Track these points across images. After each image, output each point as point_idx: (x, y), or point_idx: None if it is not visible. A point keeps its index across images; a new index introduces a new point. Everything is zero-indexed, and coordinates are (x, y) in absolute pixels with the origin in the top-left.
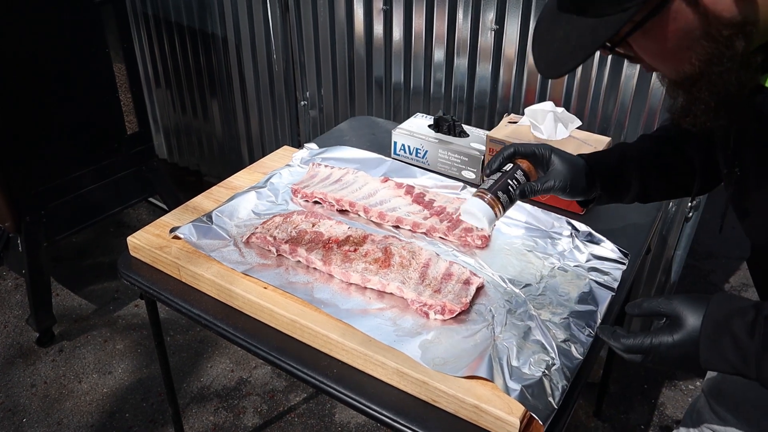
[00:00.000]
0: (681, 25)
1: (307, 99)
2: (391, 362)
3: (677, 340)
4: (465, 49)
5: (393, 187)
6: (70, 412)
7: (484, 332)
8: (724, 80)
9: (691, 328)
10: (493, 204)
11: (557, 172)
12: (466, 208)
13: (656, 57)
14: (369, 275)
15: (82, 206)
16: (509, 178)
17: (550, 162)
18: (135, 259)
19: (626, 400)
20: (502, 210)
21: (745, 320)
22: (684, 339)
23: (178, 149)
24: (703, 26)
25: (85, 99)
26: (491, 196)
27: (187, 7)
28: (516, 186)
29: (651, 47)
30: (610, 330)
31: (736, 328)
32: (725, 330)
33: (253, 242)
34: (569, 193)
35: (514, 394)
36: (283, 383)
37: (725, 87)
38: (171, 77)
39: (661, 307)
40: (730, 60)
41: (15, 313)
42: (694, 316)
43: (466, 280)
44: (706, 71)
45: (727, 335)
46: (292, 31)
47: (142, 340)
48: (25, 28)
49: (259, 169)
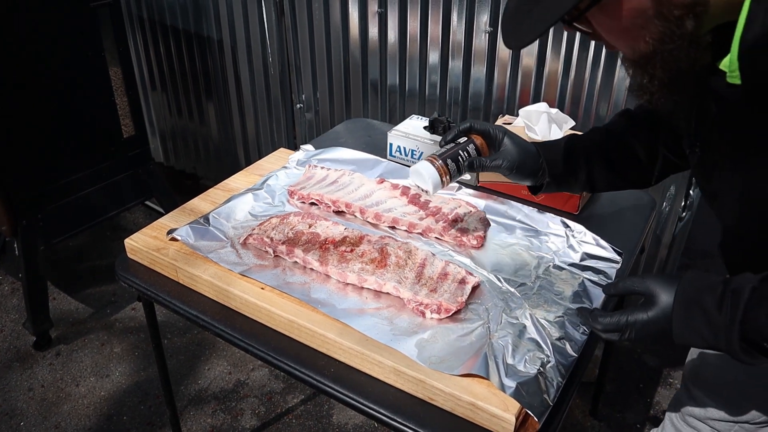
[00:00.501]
0: (634, 4)
1: (302, 101)
2: (388, 361)
3: (651, 317)
4: (459, 52)
5: (389, 189)
6: (68, 415)
7: (480, 331)
8: (675, 58)
9: (665, 305)
10: (441, 170)
11: (507, 152)
12: (416, 168)
13: (613, 34)
14: (366, 275)
15: (78, 209)
16: (461, 150)
17: (503, 143)
18: (132, 262)
19: (622, 399)
20: (449, 177)
21: (714, 295)
22: (658, 315)
23: (174, 152)
24: (655, 6)
25: (81, 102)
26: (441, 163)
27: (183, 10)
28: (466, 158)
29: (608, 24)
30: (588, 311)
31: (706, 303)
32: (696, 305)
33: (250, 243)
34: (515, 174)
35: (510, 391)
36: (281, 385)
37: (677, 64)
38: (167, 80)
39: (635, 287)
40: (680, 38)
41: (12, 317)
42: (666, 293)
43: (461, 279)
44: (659, 49)
45: (698, 310)
46: (288, 34)
47: (139, 343)
48: (20, 32)
49: (255, 171)
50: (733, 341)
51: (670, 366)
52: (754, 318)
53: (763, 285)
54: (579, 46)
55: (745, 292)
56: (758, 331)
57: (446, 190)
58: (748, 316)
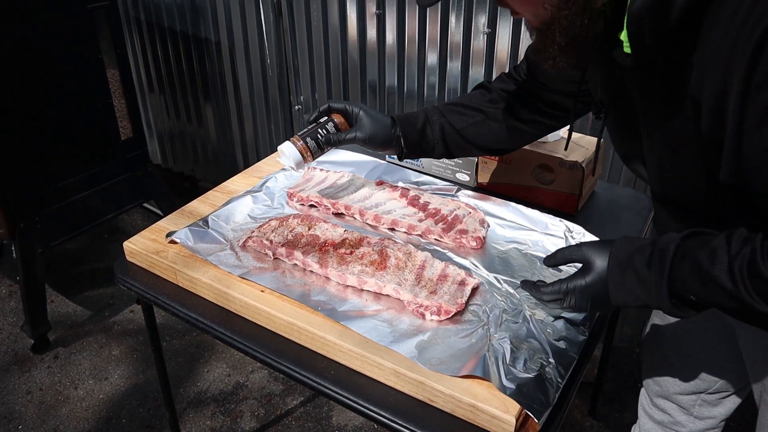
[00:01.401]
0: None
1: (301, 103)
2: (388, 363)
3: (589, 282)
4: (458, 53)
5: (388, 190)
6: (66, 418)
7: (480, 332)
8: (571, 24)
9: (600, 269)
10: (302, 150)
11: (361, 125)
12: (281, 148)
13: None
14: (365, 277)
15: (76, 212)
16: (320, 128)
17: (359, 117)
18: (131, 264)
19: (620, 399)
20: (310, 154)
21: (644, 256)
22: (595, 280)
23: (172, 154)
24: None
25: (79, 104)
26: (302, 143)
27: (181, 12)
28: (324, 135)
29: None
30: (532, 283)
31: (637, 264)
32: (628, 267)
33: (249, 246)
34: (370, 144)
35: (510, 392)
36: (280, 387)
37: (573, 30)
38: (165, 82)
39: (573, 255)
40: (575, 5)
41: (10, 320)
42: (600, 258)
43: (461, 281)
44: (557, 15)
45: (630, 271)
46: (286, 36)
47: (138, 345)
48: (17, 34)
49: (254, 173)
50: (663, 297)
51: None
52: (680, 273)
53: (684, 242)
54: None
55: (670, 250)
56: (684, 285)
57: (446, 192)
58: (674, 272)
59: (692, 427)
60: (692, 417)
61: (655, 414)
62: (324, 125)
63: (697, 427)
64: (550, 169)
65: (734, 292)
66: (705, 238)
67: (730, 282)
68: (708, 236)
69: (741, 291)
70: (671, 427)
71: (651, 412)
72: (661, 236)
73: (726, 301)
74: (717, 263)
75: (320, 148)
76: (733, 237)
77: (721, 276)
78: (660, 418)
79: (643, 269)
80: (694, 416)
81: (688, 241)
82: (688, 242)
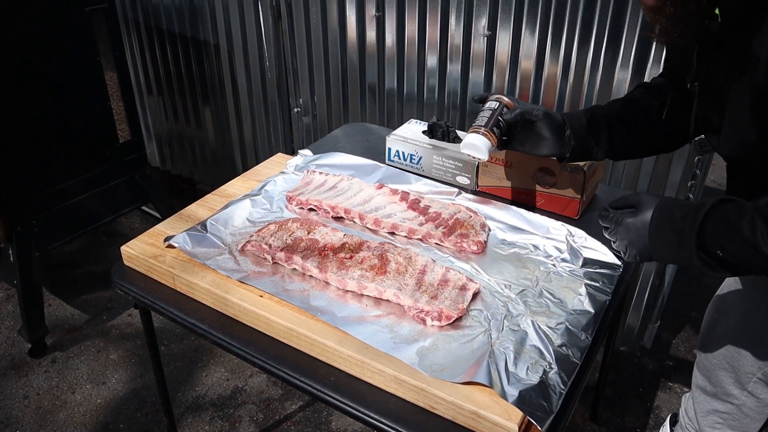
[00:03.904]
0: None
1: (300, 106)
2: (389, 369)
3: (634, 221)
4: (458, 55)
5: (388, 194)
6: (64, 423)
7: (481, 338)
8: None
9: (647, 214)
10: (492, 139)
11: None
12: (467, 141)
13: None
14: (365, 282)
15: (74, 215)
16: (498, 115)
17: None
18: (129, 269)
19: (622, 403)
20: (496, 141)
21: (683, 210)
22: (640, 221)
23: (170, 157)
24: None
25: (77, 107)
26: (486, 130)
27: (179, 14)
28: (503, 120)
29: None
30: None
31: (674, 214)
32: (668, 215)
33: (248, 250)
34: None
35: (512, 399)
36: (279, 391)
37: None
38: (163, 85)
39: (629, 200)
40: None
41: (7, 324)
42: (649, 205)
43: (462, 286)
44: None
45: (668, 220)
46: (285, 38)
47: (135, 349)
48: (15, 37)
49: (253, 176)
50: (692, 248)
51: (670, 370)
52: (710, 227)
53: (722, 204)
54: (577, 49)
55: (706, 206)
56: (713, 238)
57: (446, 195)
58: (705, 226)
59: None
60: (746, 392)
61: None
62: (500, 111)
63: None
64: (551, 172)
65: (752, 241)
66: (744, 202)
67: (750, 230)
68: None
69: (758, 239)
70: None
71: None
72: None
73: (750, 257)
74: (743, 216)
75: (503, 134)
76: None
77: (742, 225)
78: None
79: (678, 220)
80: (748, 391)
81: (726, 203)
82: (725, 203)
